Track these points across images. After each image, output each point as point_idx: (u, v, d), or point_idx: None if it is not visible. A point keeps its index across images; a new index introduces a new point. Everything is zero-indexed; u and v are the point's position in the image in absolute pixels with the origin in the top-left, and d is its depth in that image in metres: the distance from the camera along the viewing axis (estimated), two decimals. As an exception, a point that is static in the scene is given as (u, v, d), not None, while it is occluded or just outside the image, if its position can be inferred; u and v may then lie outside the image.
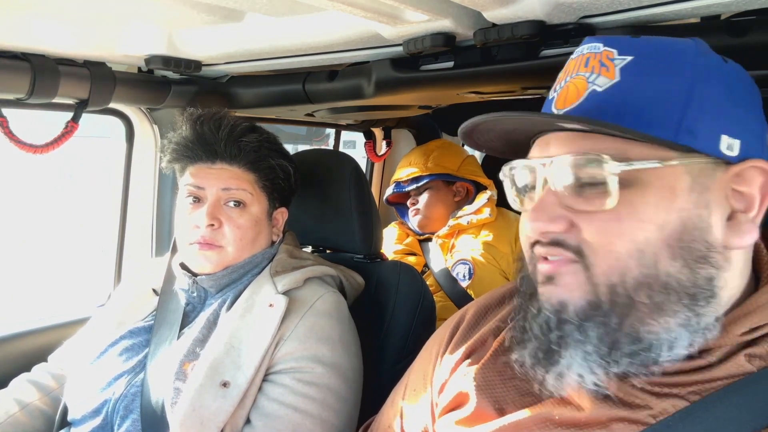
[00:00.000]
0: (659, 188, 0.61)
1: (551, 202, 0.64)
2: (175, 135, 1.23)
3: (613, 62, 0.64)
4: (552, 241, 0.64)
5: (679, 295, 0.60)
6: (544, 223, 0.64)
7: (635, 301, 0.61)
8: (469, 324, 0.85)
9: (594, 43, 0.68)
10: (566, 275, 0.64)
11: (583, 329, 0.62)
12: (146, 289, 1.33)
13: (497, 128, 0.70)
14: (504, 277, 2.00)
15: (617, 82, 0.63)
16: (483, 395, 0.74)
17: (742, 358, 0.62)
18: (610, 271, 0.61)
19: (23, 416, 1.22)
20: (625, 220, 0.61)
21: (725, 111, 0.62)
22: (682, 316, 0.61)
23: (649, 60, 0.63)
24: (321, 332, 1.14)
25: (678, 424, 0.61)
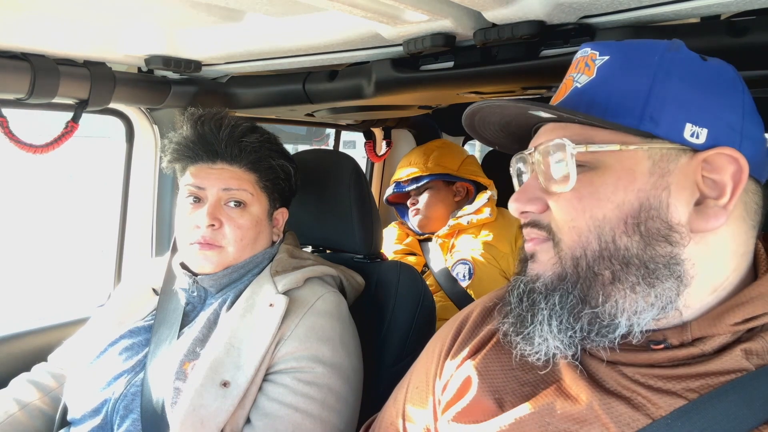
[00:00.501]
0: (619, 170, 0.67)
1: (533, 186, 0.73)
2: (176, 135, 1.23)
3: (594, 62, 0.72)
4: (530, 221, 0.73)
5: (636, 267, 0.65)
6: (522, 203, 0.72)
7: (596, 272, 0.67)
8: (475, 323, 0.86)
9: (586, 47, 0.75)
10: (541, 252, 0.72)
11: (547, 298, 0.69)
12: (146, 288, 1.33)
13: (493, 120, 0.77)
14: (504, 277, 2.00)
15: (593, 79, 0.71)
16: (483, 383, 0.76)
17: (739, 352, 0.63)
18: (574, 245, 0.68)
19: (23, 416, 1.22)
20: (585, 199, 0.67)
21: (691, 102, 0.66)
22: (640, 288, 0.65)
23: (622, 58, 0.70)
24: (321, 332, 1.14)
25: (677, 422, 0.62)
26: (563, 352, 0.68)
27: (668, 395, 0.63)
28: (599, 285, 0.66)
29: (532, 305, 0.71)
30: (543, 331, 0.69)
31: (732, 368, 0.63)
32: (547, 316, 0.68)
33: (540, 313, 0.69)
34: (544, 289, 0.70)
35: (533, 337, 0.70)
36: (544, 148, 0.71)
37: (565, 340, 0.68)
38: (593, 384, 0.68)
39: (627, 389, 0.65)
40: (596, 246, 0.67)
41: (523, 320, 0.71)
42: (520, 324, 0.72)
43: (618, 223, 0.66)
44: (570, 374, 0.70)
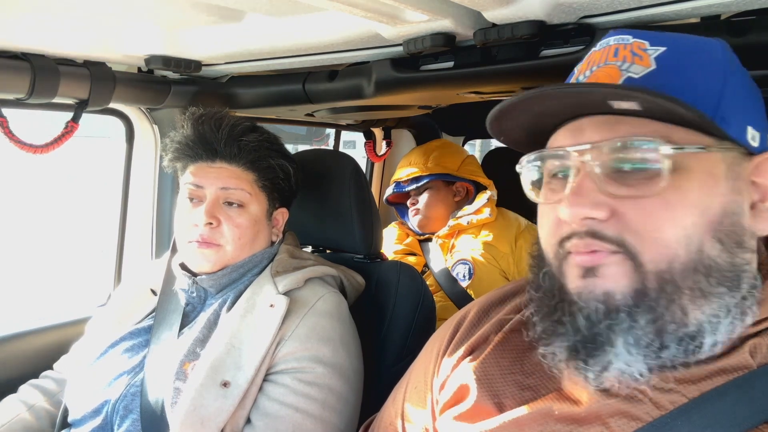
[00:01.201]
0: (702, 173, 0.61)
1: (591, 188, 0.63)
2: (177, 134, 1.24)
3: (646, 52, 0.65)
4: (589, 231, 0.63)
5: (721, 279, 0.61)
6: (587, 208, 0.62)
7: (682, 287, 0.60)
8: (471, 322, 0.85)
9: (621, 35, 0.68)
10: (610, 266, 0.62)
11: (632, 317, 0.61)
12: (145, 289, 1.33)
13: (534, 109, 0.67)
14: (504, 277, 2.00)
15: (654, 70, 0.63)
16: (483, 388, 0.75)
17: (747, 349, 0.63)
18: (659, 258, 0.60)
19: (30, 416, 1.24)
20: (674, 206, 0.60)
21: (749, 104, 0.65)
22: (725, 301, 0.61)
23: (684, 51, 0.65)
24: (322, 332, 1.14)
25: (676, 420, 0.61)
26: (642, 372, 0.61)
27: (669, 393, 0.63)
28: (686, 300, 0.60)
29: (611, 327, 0.61)
30: (620, 354, 0.61)
31: (736, 366, 0.62)
32: (633, 338, 0.61)
33: (622, 335, 0.61)
34: (626, 307, 0.61)
35: (609, 364, 0.62)
36: (624, 145, 0.61)
37: (645, 361, 0.61)
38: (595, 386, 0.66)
39: (628, 388, 0.65)
40: (684, 258, 0.60)
41: (595, 345, 0.62)
42: (590, 350, 0.63)
43: (705, 232, 0.61)
44: (571, 377, 0.69)
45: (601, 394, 0.66)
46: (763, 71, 0.94)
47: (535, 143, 0.72)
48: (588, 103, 0.64)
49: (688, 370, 0.63)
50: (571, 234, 0.64)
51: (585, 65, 0.70)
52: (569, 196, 0.63)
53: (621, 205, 0.62)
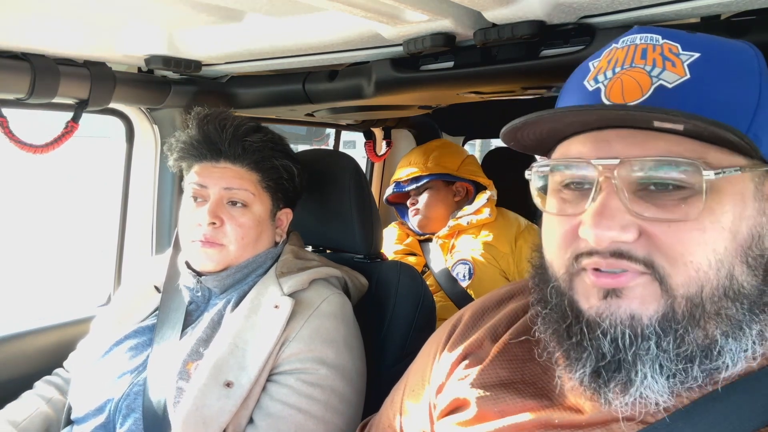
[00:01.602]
0: (733, 195, 0.58)
1: (618, 208, 0.58)
2: (183, 134, 1.24)
3: (678, 57, 0.60)
4: (617, 251, 0.59)
5: (750, 303, 0.59)
6: (616, 231, 0.58)
7: (710, 312, 0.58)
8: (466, 326, 0.85)
9: (649, 33, 0.63)
10: (636, 288, 0.59)
11: (660, 343, 0.58)
12: (148, 287, 1.34)
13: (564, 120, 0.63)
14: (504, 277, 2.00)
15: (688, 80, 0.58)
16: (483, 400, 0.74)
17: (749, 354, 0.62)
18: (689, 282, 0.58)
19: (49, 409, 1.27)
20: (708, 230, 0.57)
21: None
22: (751, 327, 0.59)
23: (718, 60, 0.60)
24: (326, 334, 1.14)
25: (677, 422, 0.61)
26: (664, 399, 0.59)
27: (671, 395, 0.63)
28: (713, 325, 0.58)
29: (637, 352, 0.59)
30: (647, 378, 0.59)
31: (737, 371, 0.61)
32: (656, 363, 0.58)
33: (651, 361, 0.59)
34: (654, 333, 0.58)
35: (634, 385, 0.59)
36: (661, 164, 0.57)
37: (668, 385, 0.59)
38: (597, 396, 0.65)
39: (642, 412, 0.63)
40: (715, 283, 0.58)
41: (618, 368, 0.60)
42: (613, 372, 0.60)
43: (735, 256, 0.58)
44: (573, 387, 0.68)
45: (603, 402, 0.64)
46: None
47: (543, 147, 0.69)
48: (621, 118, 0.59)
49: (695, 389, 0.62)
50: (592, 251, 0.60)
51: (604, 62, 0.64)
52: (594, 215, 0.59)
53: (650, 226, 0.58)
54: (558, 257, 0.65)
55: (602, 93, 0.62)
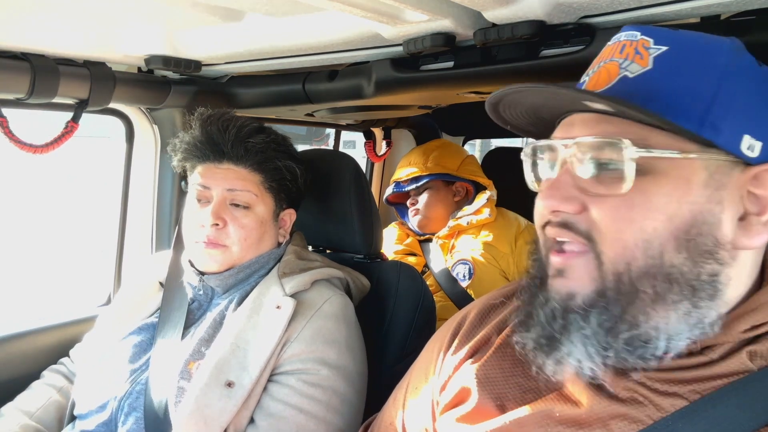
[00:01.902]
0: (675, 179, 0.61)
1: (567, 182, 0.65)
2: (187, 134, 1.24)
3: (648, 51, 0.64)
4: (562, 222, 0.65)
5: (681, 287, 0.61)
6: (557, 201, 0.64)
7: (638, 290, 0.61)
8: (472, 323, 0.85)
9: (632, 31, 0.67)
10: (577, 268, 0.64)
11: (585, 316, 0.63)
12: (153, 283, 1.34)
13: (525, 102, 0.70)
14: (504, 277, 2.00)
15: (649, 70, 0.63)
16: (484, 391, 0.75)
17: (744, 355, 0.62)
18: (617, 259, 0.62)
19: (61, 398, 1.30)
20: (636, 208, 0.61)
21: (751, 111, 0.62)
22: (683, 308, 0.61)
23: (683, 52, 0.63)
24: (328, 335, 1.14)
25: (677, 423, 0.61)
26: (595, 372, 0.63)
27: (670, 396, 0.63)
28: (641, 303, 0.61)
29: (566, 326, 0.64)
30: (576, 353, 0.63)
31: (736, 370, 0.62)
32: (583, 337, 0.63)
33: (575, 333, 0.63)
34: (582, 308, 0.63)
35: (564, 359, 0.65)
36: (594, 143, 0.63)
37: (600, 361, 0.63)
38: (596, 389, 0.67)
39: (629, 390, 0.65)
40: (642, 261, 0.61)
41: (553, 340, 0.65)
42: (549, 344, 0.66)
43: (668, 238, 0.61)
44: (573, 380, 0.69)
45: (602, 396, 0.66)
46: (763, 71, 0.93)
47: (543, 131, 0.73)
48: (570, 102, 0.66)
49: (688, 373, 0.63)
50: (548, 222, 0.67)
51: (596, 60, 0.70)
52: (546, 188, 0.66)
53: (590, 201, 0.63)
54: (538, 231, 0.71)
55: (584, 86, 0.69)
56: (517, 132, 0.78)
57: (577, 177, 0.64)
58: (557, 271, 0.66)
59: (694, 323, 0.61)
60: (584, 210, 0.64)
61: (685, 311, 0.61)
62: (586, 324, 0.63)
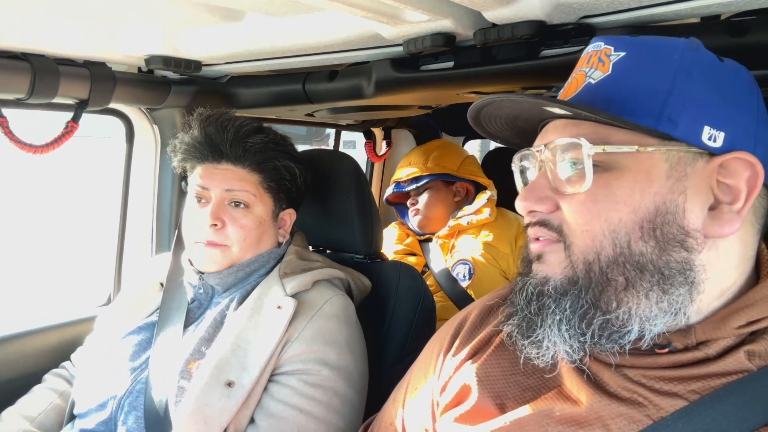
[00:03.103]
0: (635, 172, 0.65)
1: (542, 185, 0.70)
2: (186, 135, 1.24)
3: (609, 58, 0.69)
4: (539, 221, 0.70)
5: (651, 273, 0.64)
6: (531, 202, 0.70)
7: (609, 278, 0.65)
8: (473, 324, 0.85)
9: (599, 41, 0.72)
10: (550, 254, 0.69)
11: (558, 302, 0.67)
12: (153, 284, 1.35)
13: (501, 114, 0.75)
14: (504, 277, 2.00)
15: (608, 75, 0.68)
16: (484, 389, 0.75)
17: (742, 354, 0.63)
18: (587, 249, 0.66)
19: (63, 402, 1.29)
20: (600, 202, 0.65)
21: (710, 104, 0.65)
22: (654, 294, 0.64)
23: (639, 55, 0.68)
24: (328, 335, 1.14)
25: (677, 423, 0.61)
26: (571, 356, 0.67)
27: (670, 396, 0.63)
28: (612, 290, 0.65)
29: (540, 309, 0.69)
30: (552, 336, 0.67)
31: (734, 370, 0.62)
32: (557, 321, 0.67)
33: (550, 317, 0.67)
34: (555, 292, 0.68)
35: (541, 341, 0.68)
36: (556, 146, 0.68)
37: (575, 345, 0.66)
38: (595, 387, 0.67)
39: (628, 390, 0.65)
40: (610, 251, 0.65)
41: (531, 323, 0.70)
42: (527, 327, 0.70)
43: (633, 228, 0.64)
44: (572, 378, 0.70)
45: (602, 395, 0.66)
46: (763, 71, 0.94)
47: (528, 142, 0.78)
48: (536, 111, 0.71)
49: (686, 371, 0.63)
50: (529, 223, 0.72)
51: (572, 72, 0.75)
52: (523, 191, 0.72)
53: (561, 200, 0.68)
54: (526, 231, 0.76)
55: (558, 96, 0.74)
56: (505, 144, 0.84)
57: (551, 179, 0.69)
58: (536, 256, 0.71)
59: (668, 309, 0.64)
60: (557, 209, 0.69)
61: (657, 297, 0.64)
62: (558, 309, 0.67)
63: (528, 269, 0.74)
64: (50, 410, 1.27)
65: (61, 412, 1.28)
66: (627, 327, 0.64)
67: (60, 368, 1.39)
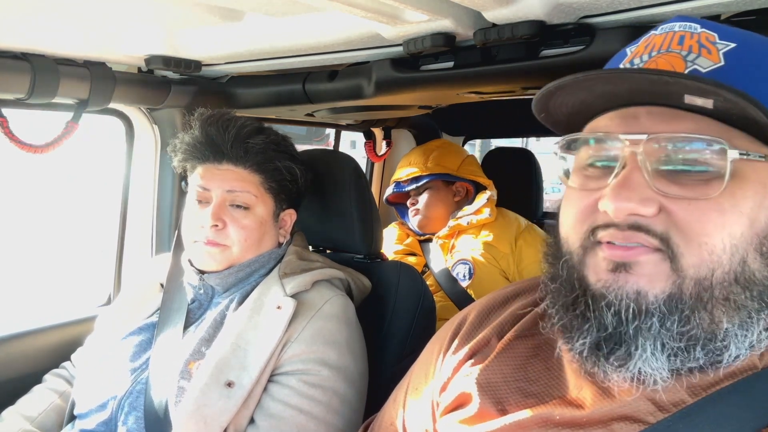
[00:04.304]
0: (755, 182, 0.59)
1: (640, 182, 0.59)
2: (187, 135, 1.24)
3: (714, 45, 0.61)
4: (633, 225, 0.59)
5: (758, 293, 0.59)
6: (635, 204, 0.58)
7: (718, 297, 0.58)
8: (472, 324, 0.85)
9: (688, 22, 0.63)
10: (647, 264, 0.59)
11: (664, 321, 0.58)
12: (154, 284, 1.35)
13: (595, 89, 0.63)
14: (504, 277, 2.00)
15: (723, 66, 0.59)
16: (485, 396, 0.74)
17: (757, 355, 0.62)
18: (701, 264, 0.58)
19: (63, 402, 1.29)
20: (727, 213, 0.57)
21: None
22: (758, 315, 0.59)
23: (754, 52, 0.61)
24: (328, 335, 1.14)
25: (679, 422, 0.61)
26: (664, 377, 0.60)
27: (672, 396, 0.62)
28: (720, 310, 0.58)
29: (639, 329, 0.59)
30: (646, 355, 0.59)
31: (742, 369, 0.62)
32: (658, 341, 0.59)
33: (650, 338, 0.59)
34: (658, 311, 0.58)
35: (633, 360, 0.60)
36: (687, 142, 0.58)
37: (668, 366, 0.59)
38: (600, 391, 0.66)
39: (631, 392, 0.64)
40: (727, 267, 0.58)
41: (620, 344, 0.60)
42: (612, 348, 0.61)
43: (751, 243, 0.58)
44: (575, 382, 0.69)
45: (605, 397, 0.65)
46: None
47: (572, 124, 0.69)
48: (652, 92, 0.60)
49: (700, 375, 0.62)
50: (609, 224, 0.60)
51: (642, 47, 0.65)
52: (615, 187, 0.60)
53: (670, 204, 0.59)
54: (574, 231, 0.65)
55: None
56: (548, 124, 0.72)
57: (651, 176, 0.59)
58: (617, 265, 0.60)
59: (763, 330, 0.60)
60: (660, 212, 0.59)
61: (761, 317, 0.59)
62: (664, 331, 0.58)
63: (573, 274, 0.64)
64: (50, 410, 1.27)
65: (61, 412, 1.28)
66: (727, 351, 0.59)
67: (60, 368, 1.39)
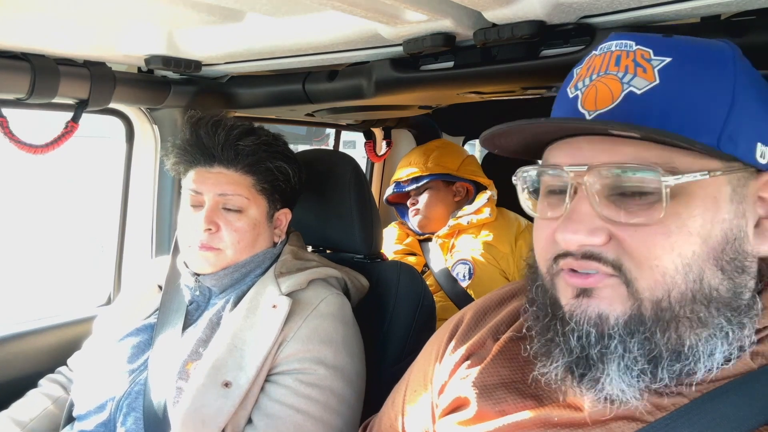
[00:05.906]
0: (703, 199, 0.58)
1: (588, 213, 0.60)
2: (178, 138, 1.24)
3: (650, 63, 0.61)
4: (586, 254, 0.61)
5: (721, 308, 0.60)
6: (583, 235, 0.60)
7: (679, 315, 0.59)
8: (468, 326, 0.85)
9: (624, 40, 0.64)
10: (605, 288, 0.61)
11: (625, 344, 0.59)
12: (152, 286, 1.35)
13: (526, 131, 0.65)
14: (504, 277, 2.00)
15: (657, 85, 0.59)
16: (483, 399, 0.74)
17: (748, 356, 0.62)
18: (656, 286, 0.59)
19: (56, 409, 1.29)
20: (673, 234, 0.58)
21: (760, 117, 0.61)
22: (724, 328, 0.60)
23: (689, 62, 0.60)
24: (324, 334, 1.14)
25: (677, 421, 0.61)
26: (635, 396, 0.61)
27: (670, 395, 0.63)
28: (683, 328, 0.59)
29: (604, 352, 0.60)
30: (612, 378, 0.60)
31: (739, 371, 0.62)
32: (624, 366, 0.60)
33: (615, 360, 0.60)
34: (618, 334, 0.60)
35: (601, 383, 0.61)
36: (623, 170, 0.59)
37: (637, 385, 0.60)
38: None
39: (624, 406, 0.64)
40: (683, 287, 0.58)
41: (588, 368, 0.61)
42: (581, 371, 0.62)
43: (705, 261, 0.58)
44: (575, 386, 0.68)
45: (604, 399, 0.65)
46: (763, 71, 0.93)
47: (530, 153, 0.71)
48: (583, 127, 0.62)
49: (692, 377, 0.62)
50: (567, 253, 0.62)
51: (584, 69, 0.66)
52: (564, 220, 0.61)
53: (619, 231, 0.59)
54: (542, 258, 0.67)
55: (579, 101, 0.64)
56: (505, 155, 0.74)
57: (598, 205, 0.60)
58: (580, 291, 0.62)
59: (731, 341, 0.60)
60: (610, 240, 0.60)
61: (728, 329, 0.60)
62: (627, 353, 0.59)
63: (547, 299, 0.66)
64: (43, 417, 1.26)
65: (54, 419, 1.26)
66: (696, 365, 0.60)
67: (56, 373, 1.37)
